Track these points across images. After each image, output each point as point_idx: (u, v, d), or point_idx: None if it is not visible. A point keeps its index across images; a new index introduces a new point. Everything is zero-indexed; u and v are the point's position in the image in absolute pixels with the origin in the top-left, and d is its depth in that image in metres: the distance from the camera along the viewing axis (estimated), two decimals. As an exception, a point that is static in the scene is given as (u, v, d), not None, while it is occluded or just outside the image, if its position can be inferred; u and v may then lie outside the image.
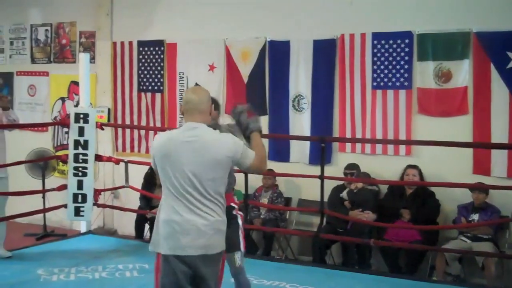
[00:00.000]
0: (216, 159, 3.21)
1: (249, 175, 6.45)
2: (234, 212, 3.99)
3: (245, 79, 7.44)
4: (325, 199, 6.27)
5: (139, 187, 7.36)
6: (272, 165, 7.07)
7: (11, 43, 9.15)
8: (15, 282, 5.23)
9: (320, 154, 6.22)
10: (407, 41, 6.59)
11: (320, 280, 5.46)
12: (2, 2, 9.18)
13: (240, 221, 4.01)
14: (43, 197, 7.43)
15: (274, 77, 7.31)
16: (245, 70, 7.44)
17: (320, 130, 6.97)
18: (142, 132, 8.13)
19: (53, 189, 6.99)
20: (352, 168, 6.60)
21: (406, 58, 6.61)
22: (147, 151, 8.04)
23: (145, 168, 7.51)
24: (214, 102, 3.76)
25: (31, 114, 8.69)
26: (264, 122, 7.29)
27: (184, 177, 3.20)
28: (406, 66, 6.62)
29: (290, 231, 6.94)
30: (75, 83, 8.20)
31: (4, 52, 9.22)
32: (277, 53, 7.27)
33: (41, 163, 7.90)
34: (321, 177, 6.09)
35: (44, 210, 7.27)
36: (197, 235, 3.17)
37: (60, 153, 8.15)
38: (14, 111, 6.59)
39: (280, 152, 7.25)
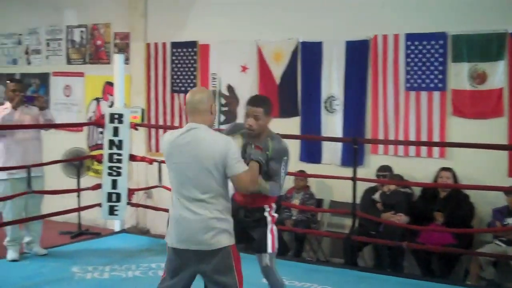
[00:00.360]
0: (208, 160, 3.31)
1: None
2: (265, 214, 4.03)
3: (277, 80, 7.45)
4: (357, 201, 6.26)
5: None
6: (304, 166, 7.08)
7: (48, 44, 9.32)
8: (50, 279, 5.33)
9: (353, 155, 6.20)
10: (441, 42, 6.52)
11: (351, 283, 5.44)
12: (39, 4, 9.36)
13: (269, 223, 4.02)
14: (78, 196, 7.54)
15: (306, 78, 7.31)
16: (277, 71, 7.45)
17: (352, 131, 6.93)
18: (175, 132, 8.19)
19: (88, 188, 7.11)
20: (385, 170, 6.56)
21: (440, 59, 6.54)
22: (179, 151, 8.10)
23: (178, 168, 7.58)
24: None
25: (67, 114, 8.82)
26: (295, 123, 7.30)
27: (181, 176, 3.37)
28: (440, 68, 6.55)
29: (321, 232, 6.93)
30: (109, 84, 8.30)
31: (41, 53, 9.39)
32: (309, 54, 7.26)
33: (76, 163, 8.04)
34: (354, 179, 6.08)
35: (79, 209, 7.39)
36: (191, 231, 3.35)
37: (94, 152, 8.27)
38: (50, 111, 6.70)
39: (312, 153, 7.24)
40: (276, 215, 4.11)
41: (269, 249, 4.01)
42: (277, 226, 6.06)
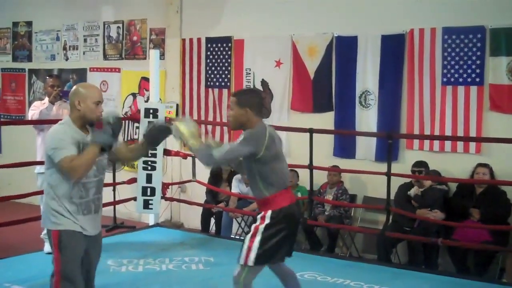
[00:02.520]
0: (45, 153, 3.55)
1: (314, 172, 6.43)
2: (257, 221, 3.76)
3: (312, 75, 7.42)
4: (391, 197, 6.19)
5: (206, 181, 7.47)
6: (338, 161, 7.04)
7: (85, 40, 9.46)
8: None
9: (387, 151, 6.14)
10: (479, 36, 6.39)
11: (385, 279, 5.38)
12: (76, 0, 9.50)
13: (252, 233, 3.70)
14: (114, 190, 7.64)
15: (340, 72, 7.25)
16: (311, 66, 7.41)
17: (387, 126, 6.85)
18: (209, 127, 8.24)
19: (123, 182, 7.22)
20: (420, 165, 6.45)
21: (478, 53, 6.42)
22: (213, 146, 8.14)
23: (212, 163, 7.62)
24: None
25: (104, 109, 8.93)
26: (329, 118, 7.26)
27: None
28: (478, 62, 6.43)
29: (355, 228, 6.88)
30: (145, 79, 8.39)
31: (78, 49, 9.54)
32: (344, 49, 7.21)
33: (112, 157, 8.13)
34: (388, 174, 6.02)
35: (114, 203, 7.49)
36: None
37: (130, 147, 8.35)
38: None
39: (346, 148, 7.19)
40: (268, 222, 3.67)
41: (241, 261, 3.70)
42: (310, 221, 6.07)
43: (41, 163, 5.98)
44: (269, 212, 3.70)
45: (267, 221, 3.68)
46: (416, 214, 6.24)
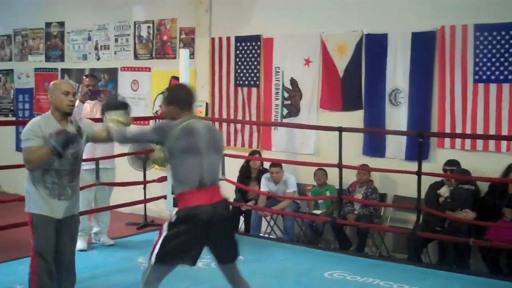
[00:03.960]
0: None
1: (343, 170, 6.39)
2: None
3: (341, 73, 7.38)
4: (422, 196, 6.13)
5: (235, 180, 7.50)
6: (367, 160, 7.00)
7: (116, 40, 9.57)
8: (117, 269, 5.50)
9: (418, 149, 6.08)
10: (511, 32, 6.29)
11: (415, 279, 5.35)
12: (108, 0, 9.62)
13: (161, 229, 3.65)
14: (144, 188, 7.72)
15: (370, 70, 7.21)
16: (341, 64, 7.38)
17: (418, 125, 6.79)
18: (238, 126, 8.27)
19: (154, 181, 7.29)
20: (452, 164, 6.38)
21: (511, 50, 6.31)
22: (243, 144, 8.18)
23: (241, 162, 7.66)
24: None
25: (134, 108, 8.92)
26: (359, 116, 7.22)
27: None
28: (510, 59, 6.32)
29: (384, 227, 6.84)
30: (175, 78, 8.45)
31: (109, 49, 9.65)
32: (374, 46, 7.15)
33: (142, 156, 8.23)
34: (419, 173, 5.96)
35: (145, 201, 7.57)
36: None
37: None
38: None
39: (376, 147, 7.14)
40: (172, 221, 3.61)
41: (149, 259, 3.63)
42: (339, 220, 6.06)
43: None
44: (175, 211, 3.64)
45: (172, 219, 3.61)
46: (447, 213, 6.17)
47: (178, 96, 3.80)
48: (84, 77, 6.57)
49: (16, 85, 11.06)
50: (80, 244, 6.23)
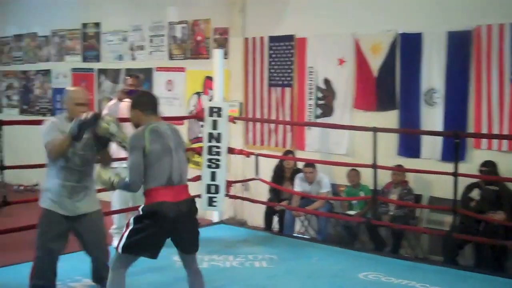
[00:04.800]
0: None
1: (378, 171, 6.35)
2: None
3: (375, 73, 7.35)
4: (459, 197, 6.06)
5: (269, 179, 7.52)
6: (402, 161, 6.95)
7: (151, 40, 9.68)
8: (152, 267, 5.51)
9: (454, 150, 6.00)
10: (551, 31, 6.19)
11: (451, 282, 5.30)
12: (142, 1, 9.74)
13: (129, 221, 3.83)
14: (179, 187, 7.77)
15: (405, 70, 7.15)
16: (374, 63, 7.34)
17: (454, 125, 6.71)
18: (272, 125, 8.29)
19: (188, 180, 7.32)
20: (488, 165, 6.30)
21: (549, 49, 6.21)
22: (276, 144, 8.20)
23: (275, 161, 7.68)
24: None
25: (169, 108, 9.09)
26: (393, 116, 7.18)
27: None
28: (548, 58, 6.22)
29: (420, 229, 6.78)
30: (209, 78, 8.49)
31: (145, 49, 9.77)
32: (408, 46, 7.10)
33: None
34: (455, 174, 5.89)
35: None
36: None
37: (195, 145, 8.48)
38: None
39: (411, 147, 7.09)
40: (137, 215, 3.79)
41: (118, 247, 3.82)
42: (373, 221, 6.04)
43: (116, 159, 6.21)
44: (142, 206, 3.82)
45: (138, 213, 3.80)
46: (479, 215, 6.08)
47: (139, 101, 3.98)
48: (127, 77, 6.67)
49: (53, 85, 11.28)
50: (116, 241, 6.32)
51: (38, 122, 11.27)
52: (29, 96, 11.80)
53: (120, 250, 3.80)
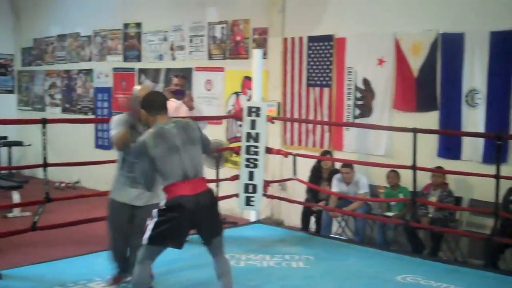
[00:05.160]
0: None
1: (417, 172, 6.27)
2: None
3: (415, 73, 7.26)
4: (500, 200, 5.95)
5: (306, 180, 7.51)
6: (442, 162, 6.85)
7: (191, 41, 9.76)
8: (192, 264, 5.60)
9: (496, 152, 5.89)
10: None
11: (491, 286, 5.22)
12: (183, 2, 9.84)
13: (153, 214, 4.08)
14: (217, 186, 7.83)
15: (446, 71, 7.04)
16: (415, 64, 7.25)
17: (496, 126, 6.57)
18: (310, 125, 8.27)
19: (226, 179, 7.40)
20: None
21: None
22: (314, 144, 8.18)
23: (312, 162, 7.66)
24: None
25: (208, 108, 9.18)
26: (434, 117, 7.08)
27: None
28: None
29: (460, 232, 6.67)
30: (248, 78, 8.53)
31: (184, 49, 9.86)
32: (450, 46, 6.99)
33: (215, 154, 8.36)
34: (496, 177, 5.78)
35: (218, 199, 7.66)
36: None
37: (233, 145, 8.54)
38: (199, 108, 7.16)
39: (451, 149, 6.98)
40: (160, 209, 4.02)
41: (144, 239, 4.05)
42: (412, 223, 5.99)
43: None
44: (163, 201, 4.07)
45: (161, 207, 4.03)
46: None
47: (144, 102, 4.21)
48: (173, 77, 6.76)
49: (95, 84, 11.49)
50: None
51: (80, 121, 11.74)
52: (71, 95, 12.06)
53: (146, 241, 3.99)
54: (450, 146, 6.99)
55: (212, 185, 7.70)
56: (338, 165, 7.52)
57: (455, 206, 6.74)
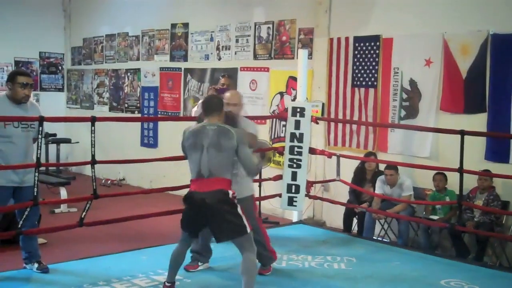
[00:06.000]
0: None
1: (464, 176, 6.15)
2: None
3: (464, 75, 7.12)
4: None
5: (349, 181, 7.46)
6: (489, 165, 6.70)
7: (237, 41, 9.82)
8: (234, 264, 5.64)
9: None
10: None
11: (537, 293, 5.08)
12: (229, 2, 9.91)
13: None
14: (260, 186, 7.87)
15: (496, 72, 6.88)
16: (463, 65, 7.11)
17: (546, 129, 6.41)
18: (354, 126, 8.21)
19: (269, 179, 7.42)
20: None
21: None
22: (358, 145, 8.11)
23: (356, 163, 7.61)
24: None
25: (252, 107, 9.20)
26: (482, 119, 6.93)
27: None
28: None
29: (507, 236, 6.51)
30: (293, 78, 8.54)
31: (230, 49, 9.93)
32: (501, 47, 6.82)
33: (259, 154, 8.38)
34: (545, 181, 5.64)
35: (260, 198, 7.71)
36: None
37: (276, 145, 8.55)
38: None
39: (499, 152, 6.81)
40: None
41: None
42: (457, 226, 5.89)
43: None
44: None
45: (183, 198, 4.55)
46: None
47: (202, 105, 4.82)
48: (221, 77, 6.80)
49: (142, 83, 11.68)
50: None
51: (127, 119, 11.88)
52: (119, 93, 12.29)
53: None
54: (498, 149, 6.83)
55: (255, 185, 7.81)
56: (382, 167, 7.44)
57: (502, 210, 6.59)
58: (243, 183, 5.04)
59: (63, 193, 8.81)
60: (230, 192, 4.39)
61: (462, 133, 6.09)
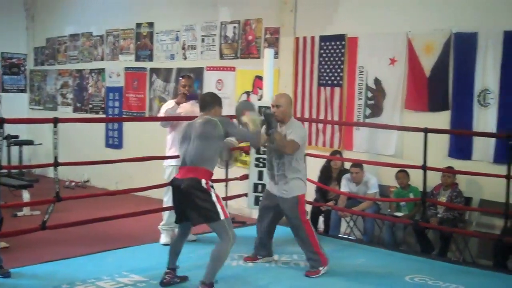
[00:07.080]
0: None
1: (428, 172, 6.23)
2: None
3: (427, 73, 7.21)
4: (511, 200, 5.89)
5: (315, 179, 7.49)
6: (453, 162, 6.81)
7: (203, 40, 9.77)
8: (199, 264, 5.59)
9: (507, 152, 5.84)
10: None
11: (500, 287, 5.17)
12: (196, 1, 9.85)
13: None
14: (226, 186, 7.84)
15: (458, 70, 6.98)
16: (427, 63, 7.20)
17: (508, 126, 6.49)
18: (320, 125, 8.24)
19: (236, 179, 7.40)
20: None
21: None
22: (324, 144, 8.15)
23: (322, 161, 7.64)
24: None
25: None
26: (445, 117, 7.03)
27: None
28: None
29: (469, 232, 6.62)
30: (259, 78, 8.54)
31: (196, 49, 9.88)
32: (463, 46, 6.93)
33: (224, 154, 8.35)
34: (508, 177, 5.74)
35: (227, 198, 7.66)
36: None
37: (243, 144, 8.52)
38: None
39: (462, 149, 6.92)
40: None
41: None
42: (422, 223, 5.96)
43: (171, 157, 6.32)
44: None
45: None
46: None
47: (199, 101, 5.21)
48: (181, 78, 6.74)
49: (107, 83, 11.55)
50: (164, 238, 6.44)
51: (91, 120, 11.71)
52: (83, 94, 12.12)
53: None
54: (461, 146, 6.94)
55: (221, 185, 7.80)
56: (347, 165, 7.49)
57: (465, 206, 6.69)
58: (290, 183, 5.35)
59: (26, 195, 8.65)
60: (203, 181, 4.66)
61: (426, 130, 6.17)
